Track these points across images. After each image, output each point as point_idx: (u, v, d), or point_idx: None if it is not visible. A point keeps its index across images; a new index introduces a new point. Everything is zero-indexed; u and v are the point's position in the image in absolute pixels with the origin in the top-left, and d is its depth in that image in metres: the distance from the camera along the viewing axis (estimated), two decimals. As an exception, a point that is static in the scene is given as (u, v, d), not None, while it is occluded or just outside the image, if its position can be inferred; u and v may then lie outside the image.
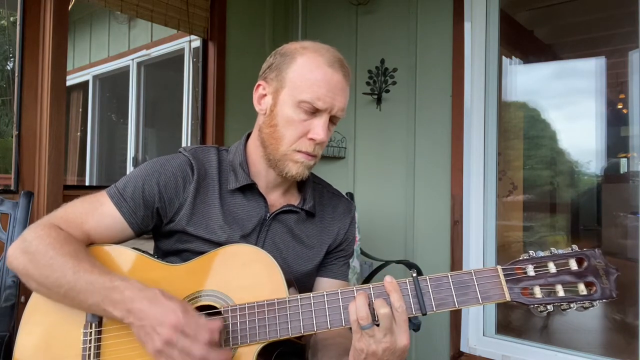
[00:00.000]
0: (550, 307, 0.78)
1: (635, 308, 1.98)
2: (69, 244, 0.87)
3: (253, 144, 1.04)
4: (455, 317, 2.23)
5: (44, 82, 1.88)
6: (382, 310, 0.78)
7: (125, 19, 3.88)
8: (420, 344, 2.34)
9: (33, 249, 0.86)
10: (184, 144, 2.97)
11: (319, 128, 0.94)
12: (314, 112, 0.94)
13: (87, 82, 4.24)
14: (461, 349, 2.23)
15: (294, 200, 1.07)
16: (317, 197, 1.09)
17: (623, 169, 3.13)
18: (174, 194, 0.97)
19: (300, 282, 0.98)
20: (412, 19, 2.42)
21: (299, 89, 0.93)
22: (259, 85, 1.01)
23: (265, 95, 1.00)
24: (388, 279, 0.82)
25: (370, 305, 0.80)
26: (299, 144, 0.95)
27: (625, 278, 2.00)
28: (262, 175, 1.02)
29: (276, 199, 1.04)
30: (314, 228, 1.07)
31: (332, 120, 0.97)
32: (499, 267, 0.81)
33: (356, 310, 0.79)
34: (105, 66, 4.11)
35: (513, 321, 2.94)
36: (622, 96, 3.25)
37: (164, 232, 1.00)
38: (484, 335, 2.22)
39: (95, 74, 4.21)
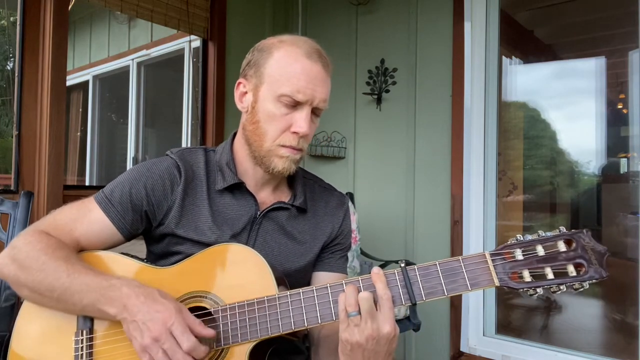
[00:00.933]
0: (540, 290, 0.78)
1: (635, 308, 1.98)
2: (60, 249, 0.87)
3: (239, 143, 1.03)
4: (455, 317, 2.23)
5: (44, 82, 1.89)
6: (362, 294, 0.78)
7: (125, 19, 3.89)
8: (420, 344, 2.34)
9: (24, 256, 0.86)
10: (184, 144, 2.97)
11: (301, 121, 0.93)
12: (295, 105, 0.93)
13: (87, 82, 4.24)
14: (461, 349, 2.23)
15: (285, 197, 1.06)
16: (308, 192, 1.09)
17: (623, 169, 3.13)
18: (162, 196, 0.96)
19: (293, 279, 0.98)
20: (412, 19, 2.42)
21: (277, 83, 0.92)
22: (240, 83, 1.01)
23: (246, 92, 1.00)
24: (375, 269, 0.82)
25: None
26: (283, 138, 0.94)
27: (625, 278, 2.01)
28: (250, 173, 1.02)
29: (266, 197, 1.03)
30: (306, 224, 1.06)
31: (315, 112, 0.96)
32: (487, 253, 0.80)
33: (345, 299, 0.79)
34: (105, 66, 4.11)
35: (513, 321, 2.94)
36: (622, 96, 3.25)
37: (155, 235, 1.00)
38: (484, 335, 2.22)
39: (95, 74, 4.21)
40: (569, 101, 3.42)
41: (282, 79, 0.92)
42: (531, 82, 3.43)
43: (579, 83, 3.40)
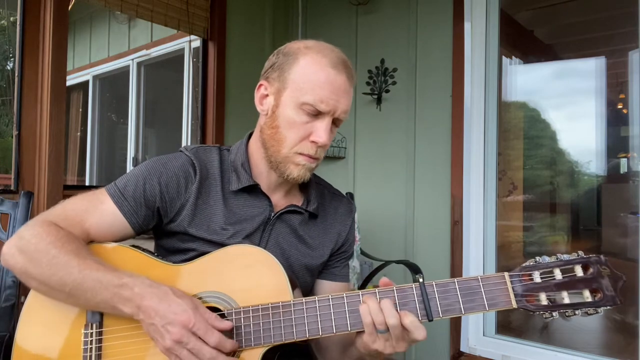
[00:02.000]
0: (555, 315, 0.78)
1: (635, 308, 1.98)
2: (70, 242, 0.86)
3: (255, 145, 1.02)
4: (455, 317, 2.23)
5: (44, 82, 1.88)
6: (391, 320, 0.78)
7: (125, 19, 3.89)
8: (420, 344, 2.32)
9: (32, 248, 0.84)
10: (184, 144, 2.97)
11: (321, 131, 0.92)
12: (317, 114, 0.92)
13: (87, 82, 4.24)
14: (461, 349, 2.23)
15: (297, 200, 1.06)
16: (318, 197, 1.09)
17: (623, 169, 3.13)
18: (176, 194, 0.96)
19: (301, 280, 0.99)
20: (412, 19, 2.42)
21: (301, 90, 0.91)
22: (261, 85, 0.99)
23: (267, 95, 0.98)
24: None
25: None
26: (301, 146, 0.94)
27: (625, 278, 2.00)
28: (264, 176, 1.01)
29: (278, 200, 1.03)
30: (317, 229, 1.06)
31: (335, 122, 0.96)
32: (506, 274, 0.80)
33: (370, 313, 0.79)
34: (105, 66, 4.11)
35: (513, 321, 2.94)
36: (622, 96, 3.25)
37: (165, 231, 0.99)
38: (484, 335, 2.22)
39: (95, 74, 4.21)
40: (569, 101, 3.42)
41: (306, 87, 0.91)
42: (531, 82, 3.44)
43: (579, 83, 3.40)
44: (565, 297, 0.78)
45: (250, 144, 1.04)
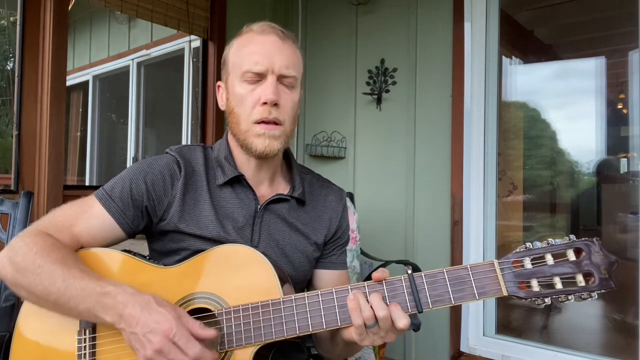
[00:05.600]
0: (548, 300, 0.77)
1: (635, 308, 1.98)
2: (56, 250, 0.86)
3: (230, 139, 1.06)
4: (455, 317, 2.23)
5: (44, 82, 1.89)
6: (381, 313, 0.79)
7: (125, 19, 3.88)
8: (420, 344, 2.34)
9: (20, 258, 0.85)
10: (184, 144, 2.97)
11: (266, 90, 0.94)
12: (259, 79, 0.96)
13: (87, 82, 4.24)
14: (461, 349, 2.23)
15: (282, 189, 1.07)
16: (306, 185, 1.10)
17: (623, 169, 3.13)
18: (162, 191, 0.97)
19: (299, 268, 1.00)
20: (412, 19, 2.42)
21: (239, 65, 0.97)
22: (219, 86, 1.06)
23: (223, 92, 1.05)
24: (376, 275, 0.83)
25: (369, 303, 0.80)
26: (254, 113, 0.95)
27: (625, 278, 2.00)
28: (246, 166, 1.03)
29: (264, 191, 1.04)
30: (307, 216, 1.07)
31: (284, 82, 0.97)
32: (495, 262, 0.80)
33: (360, 311, 0.79)
34: (105, 66, 4.11)
35: (513, 321, 2.94)
36: (622, 96, 3.25)
37: (157, 232, 1.00)
38: (483, 335, 2.22)
39: (95, 74, 4.21)
40: (569, 101, 3.42)
41: (242, 60, 0.97)
42: (531, 82, 3.43)
43: (579, 83, 3.40)
44: (558, 283, 0.76)
45: (229, 140, 1.07)
